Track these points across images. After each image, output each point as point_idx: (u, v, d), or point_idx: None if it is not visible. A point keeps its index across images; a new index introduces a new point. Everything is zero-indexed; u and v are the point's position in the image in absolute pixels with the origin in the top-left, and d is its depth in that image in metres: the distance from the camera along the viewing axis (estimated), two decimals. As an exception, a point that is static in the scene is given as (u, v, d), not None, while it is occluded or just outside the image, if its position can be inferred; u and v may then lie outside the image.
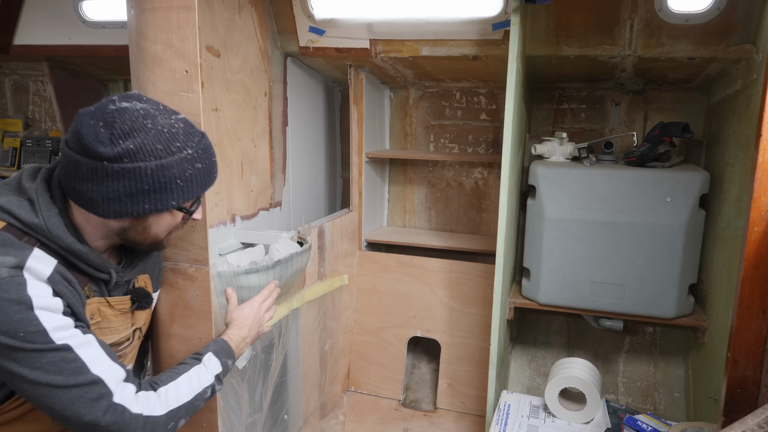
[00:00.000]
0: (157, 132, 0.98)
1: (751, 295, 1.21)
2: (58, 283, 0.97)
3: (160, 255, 1.33)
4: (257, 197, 2.10)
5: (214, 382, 1.16)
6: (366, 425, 2.24)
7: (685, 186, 1.83)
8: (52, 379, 0.93)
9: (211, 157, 1.09)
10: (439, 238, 2.58)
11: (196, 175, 1.03)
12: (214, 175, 1.10)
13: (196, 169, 1.03)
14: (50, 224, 0.98)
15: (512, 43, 1.71)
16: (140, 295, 1.19)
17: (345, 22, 2.12)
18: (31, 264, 0.93)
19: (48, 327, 0.93)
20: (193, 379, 1.12)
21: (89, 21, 2.34)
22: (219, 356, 1.20)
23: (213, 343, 1.23)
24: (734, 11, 1.71)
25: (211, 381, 1.15)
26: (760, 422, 0.95)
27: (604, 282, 1.94)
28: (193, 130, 1.05)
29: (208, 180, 1.08)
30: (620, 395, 2.30)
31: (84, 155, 0.95)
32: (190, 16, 1.21)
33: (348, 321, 2.47)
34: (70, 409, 0.95)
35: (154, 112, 1.00)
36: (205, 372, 1.16)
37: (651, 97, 2.31)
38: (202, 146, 1.05)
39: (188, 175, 1.02)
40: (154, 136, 0.97)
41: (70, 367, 0.94)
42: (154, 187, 0.98)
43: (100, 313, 1.11)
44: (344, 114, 2.78)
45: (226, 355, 1.22)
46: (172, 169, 0.99)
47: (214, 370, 1.17)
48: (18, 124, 3.06)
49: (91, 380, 0.96)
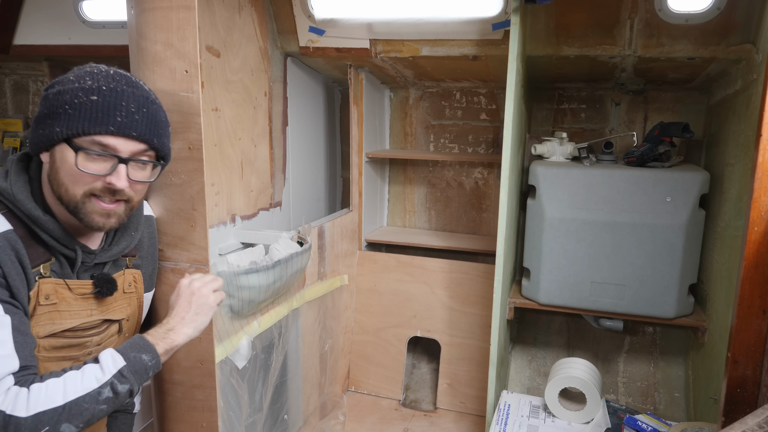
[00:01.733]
0: (85, 71, 1.02)
1: (751, 295, 1.21)
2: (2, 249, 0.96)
3: (155, 252, 1.31)
4: (257, 197, 2.10)
5: (111, 379, 1.00)
6: (366, 425, 2.24)
7: (685, 186, 1.83)
8: None
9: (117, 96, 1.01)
10: (439, 238, 2.58)
11: (86, 105, 0.98)
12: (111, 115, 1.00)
13: (90, 101, 0.99)
14: (15, 189, 1.01)
15: (512, 43, 1.71)
16: (103, 281, 1.12)
17: (345, 22, 2.12)
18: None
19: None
20: (79, 378, 0.98)
21: (89, 21, 2.34)
22: (124, 352, 1.05)
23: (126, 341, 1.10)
24: (734, 11, 1.71)
25: (105, 379, 1.00)
26: (760, 422, 0.95)
27: (604, 282, 1.94)
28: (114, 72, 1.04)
29: (100, 117, 0.99)
30: (620, 395, 2.30)
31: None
32: (190, 16, 1.21)
33: (348, 321, 2.47)
34: None
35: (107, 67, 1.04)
36: (99, 370, 1.00)
37: (651, 97, 2.31)
38: (111, 85, 1.01)
39: (77, 102, 0.98)
40: (78, 71, 1.02)
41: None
42: (49, 113, 1.00)
43: (58, 295, 1.07)
44: (344, 114, 2.78)
45: (137, 349, 1.06)
46: (65, 95, 1.00)
47: (112, 367, 1.02)
48: (18, 124, 3.06)
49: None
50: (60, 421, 0.93)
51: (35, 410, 0.92)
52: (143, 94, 1.05)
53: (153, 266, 1.30)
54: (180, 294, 1.16)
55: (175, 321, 1.13)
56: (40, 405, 0.92)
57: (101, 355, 1.02)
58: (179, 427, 1.43)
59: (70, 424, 0.94)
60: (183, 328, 1.12)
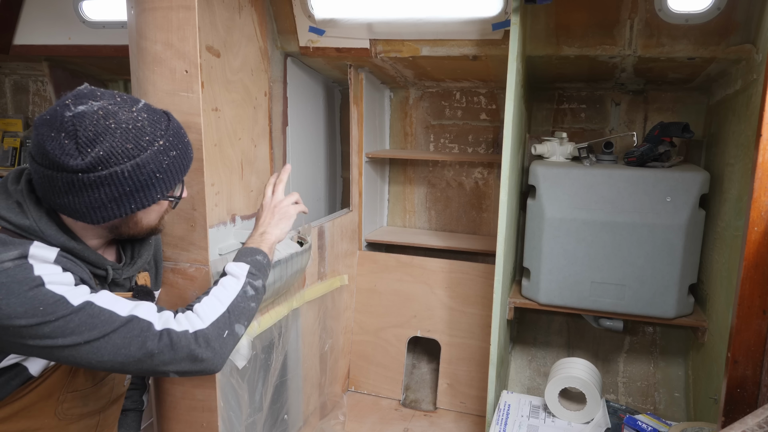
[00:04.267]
0: (122, 131, 0.95)
1: (751, 295, 1.21)
2: (66, 263, 0.97)
3: (160, 255, 1.32)
4: (257, 197, 2.10)
5: (247, 280, 1.16)
6: (366, 425, 2.24)
7: (685, 186, 1.83)
8: (88, 335, 0.93)
9: (183, 139, 1.06)
10: (439, 238, 2.58)
11: (173, 164, 1.02)
12: (190, 156, 1.08)
13: (172, 158, 1.01)
14: (41, 225, 0.98)
15: (512, 43, 1.71)
16: (142, 293, 1.18)
17: (345, 22, 2.12)
18: (34, 252, 0.93)
19: (65, 294, 0.93)
20: (223, 288, 1.13)
21: (89, 21, 2.34)
22: (240, 258, 1.20)
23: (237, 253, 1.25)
24: (734, 11, 1.71)
25: (243, 280, 1.16)
26: (760, 422, 0.95)
27: (604, 282, 1.94)
28: (158, 117, 1.02)
29: (185, 163, 1.06)
30: (620, 395, 2.30)
31: (55, 170, 0.93)
32: (190, 16, 1.21)
33: (348, 321, 2.47)
34: (119, 353, 0.96)
35: (113, 109, 0.96)
36: (232, 277, 1.16)
37: (651, 97, 2.31)
38: (172, 132, 1.02)
39: (166, 166, 1.00)
40: (121, 135, 0.94)
41: (101, 320, 0.95)
42: (135, 186, 0.97)
43: None
44: (344, 114, 2.78)
45: (248, 254, 1.22)
46: (149, 165, 0.97)
47: (241, 271, 1.17)
48: (18, 124, 3.06)
49: (126, 321, 0.97)
50: (233, 322, 1.09)
51: (210, 320, 1.05)
52: (176, 120, 1.09)
53: (158, 267, 1.32)
54: (264, 207, 1.34)
55: (264, 226, 1.30)
56: (211, 315, 1.06)
57: (227, 267, 1.18)
58: (179, 427, 1.43)
59: (240, 324, 1.10)
60: (272, 229, 1.30)
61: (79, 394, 1.11)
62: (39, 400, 1.05)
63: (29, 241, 0.95)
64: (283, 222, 1.32)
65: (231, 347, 1.08)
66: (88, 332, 0.93)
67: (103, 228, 1.05)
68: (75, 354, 0.94)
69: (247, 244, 1.26)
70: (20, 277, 0.90)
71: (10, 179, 1.03)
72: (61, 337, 0.92)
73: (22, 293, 0.89)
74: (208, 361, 1.03)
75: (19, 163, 2.99)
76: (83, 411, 1.13)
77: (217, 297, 1.10)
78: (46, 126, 0.94)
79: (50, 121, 0.94)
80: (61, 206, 0.97)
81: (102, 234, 1.07)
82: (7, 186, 1.01)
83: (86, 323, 0.94)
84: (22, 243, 0.94)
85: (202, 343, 1.02)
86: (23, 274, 0.91)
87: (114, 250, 1.16)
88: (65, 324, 0.92)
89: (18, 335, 0.91)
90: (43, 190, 0.97)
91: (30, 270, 0.92)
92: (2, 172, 2.93)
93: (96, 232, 1.06)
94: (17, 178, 1.03)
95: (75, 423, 1.13)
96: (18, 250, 0.92)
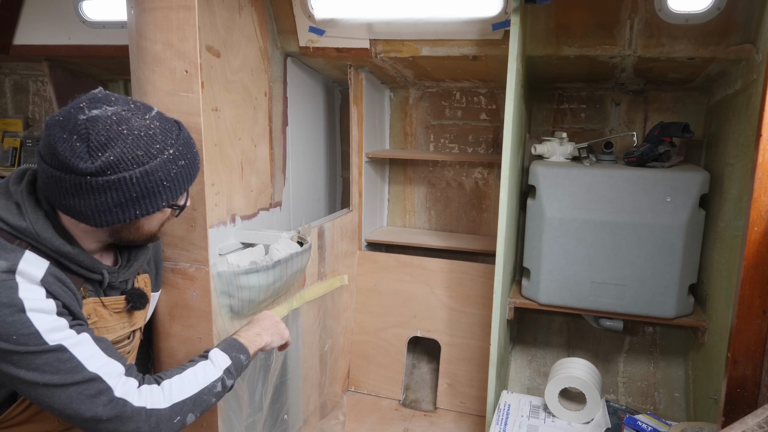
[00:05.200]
0: (134, 137, 0.95)
1: (751, 295, 1.21)
2: (52, 285, 0.97)
3: (160, 255, 1.33)
4: (257, 197, 2.10)
5: (222, 375, 1.14)
6: (366, 425, 2.24)
7: (685, 186, 1.83)
8: (48, 379, 0.93)
9: (192, 149, 1.07)
10: (439, 238, 2.58)
11: (181, 173, 1.03)
12: (197, 166, 1.09)
13: (180, 167, 1.02)
14: (38, 227, 0.98)
15: (512, 43, 1.71)
16: (135, 296, 1.18)
17: (345, 22, 2.12)
18: (22, 267, 0.93)
19: (41, 329, 0.93)
20: (198, 373, 1.11)
21: (89, 21, 2.34)
22: (227, 351, 1.18)
23: (222, 342, 1.23)
24: (734, 11, 1.71)
25: (218, 375, 1.13)
26: (760, 422, 0.95)
27: (604, 282, 1.94)
28: (169, 126, 1.03)
29: (193, 173, 1.07)
30: (620, 395, 2.30)
31: (64, 171, 0.94)
32: (190, 16, 1.21)
33: (348, 321, 2.47)
34: (69, 407, 0.95)
35: (126, 115, 0.97)
36: (212, 366, 1.14)
37: (651, 97, 2.31)
38: (182, 142, 1.03)
39: (173, 174, 1.01)
40: (132, 142, 0.95)
41: (66, 367, 0.94)
42: (142, 193, 0.98)
43: (96, 313, 1.11)
44: (344, 114, 2.78)
45: (236, 350, 1.20)
46: (157, 172, 0.98)
47: (222, 364, 1.15)
48: (18, 124, 3.06)
49: (89, 377, 0.96)
50: (188, 411, 1.07)
51: (171, 402, 1.05)
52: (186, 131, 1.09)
53: (158, 268, 1.32)
54: (265, 317, 1.34)
55: (261, 328, 1.30)
56: (175, 397, 1.05)
57: (212, 353, 1.16)
58: (179, 427, 1.43)
59: (193, 414, 1.09)
60: (266, 336, 1.29)
61: None
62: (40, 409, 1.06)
63: (21, 250, 0.95)
64: (277, 336, 1.33)
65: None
66: (50, 375, 0.93)
67: (104, 232, 1.05)
68: (30, 390, 0.94)
69: (240, 337, 1.25)
70: (3, 298, 0.91)
71: (12, 180, 1.03)
72: (24, 369, 0.92)
73: (1, 316, 0.90)
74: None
75: (19, 163, 2.99)
76: None
77: (189, 380, 1.09)
78: (59, 127, 0.94)
79: (63, 123, 0.94)
80: (66, 207, 0.98)
81: (102, 238, 1.07)
82: (9, 186, 1.02)
83: (51, 365, 0.93)
84: (14, 251, 0.94)
85: (152, 424, 1.01)
86: (7, 295, 0.91)
87: (112, 253, 1.17)
88: (32, 359, 0.92)
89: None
90: (50, 191, 0.98)
91: (14, 290, 0.92)
92: (2, 172, 2.93)
93: (96, 236, 1.06)
94: (19, 179, 1.03)
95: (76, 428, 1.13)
96: (7, 263, 0.93)
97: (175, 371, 1.10)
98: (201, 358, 1.16)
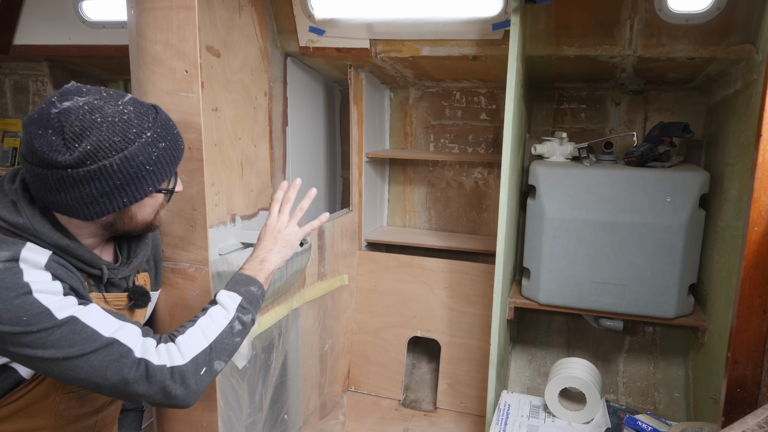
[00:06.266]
0: (109, 124, 0.95)
1: (751, 295, 1.21)
2: (57, 269, 0.97)
3: (159, 254, 1.32)
4: (257, 197, 2.10)
5: (236, 314, 1.11)
6: (366, 425, 2.24)
7: (685, 186, 1.83)
8: (67, 352, 0.93)
9: (172, 130, 1.05)
10: (439, 238, 2.58)
11: (163, 155, 1.01)
12: (181, 147, 1.07)
13: (161, 149, 1.01)
14: (35, 223, 0.98)
15: (512, 43, 1.71)
16: (138, 294, 1.18)
17: (345, 22, 2.12)
18: (25, 255, 0.94)
19: (51, 306, 0.93)
20: (210, 320, 1.09)
21: (89, 21, 2.34)
22: (234, 289, 1.15)
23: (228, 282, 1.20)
24: (734, 11, 1.71)
25: (232, 315, 1.11)
26: (760, 422, 0.95)
27: (604, 282, 1.94)
28: (145, 110, 1.02)
29: (176, 155, 1.05)
30: (620, 395, 2.30)
31: (45, 167, 0.93)
32: (190, 16, 1.21)
33: (348, 321, 2.47)
34: (96, 374, 0.95)
35: (99, 103, 0.96)
36: (222, 309, 1.11)
37: (651, 97, 2.31)
38: (160, 124, 1.02)
39: (155, 157, 1.00)
40: (108, 129, 0.94)
41: (81, 337, 0.94)
42: (125, 180, 0.97)
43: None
44: (344, 114, 2.78)
45: (244, 284, 1.17)
46: (137, 157, 0.97)
47: (233, 303, 1.13)
48: (18, 124, 3.06)
49: (106, 343, 0.96)
50: (212, 359, 1.05)
51: (190, 356, 1.02)
52: (164, 113, 1.08)
53: (158, 267, 1.32)
54: (267, 228, 1.28)
55: (264, 253, 1.25)
56: (191, 351, 1.03)
57: (218, 296, 1.13)
58: (179, 427, 1.43)
59: (220, 360, 1.06)
60: (272, 257, 1.25)
61: (75, 395, 1.11)
62: (35, 401, 1.06)
63: (22, 242, 0.95)
64: (285, 249, 1.28)
65: (207, 384, 1.05)
66: (68, 348, 0.93)
67: (98, 225, 1.05)
68: (53, 367, 0.94)
69: (244, 270, 1.21)
70: (8, 283, 0.90)
71: (7, 179, 1.03)
72: (41, 348, 0.92)
73: (8, 300, 0.90)
74: (180, 398, 1.00)
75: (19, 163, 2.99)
76: (80, 411, 1.14)
77: (201, 329, 1.07)
78: (34, 124, 0.94)
79: (37, 120, 0.94)
80: (54, 204, 0.97)
81: (97, 232, 1.07)
82: (3, 185, 1.02)
83: (67, 338, 0.93)
84: (15, 243, 0.95)
85: (177, 380, 1.00)
86: (12, 280, 0.91)
87: (111, 250, 1.16)
88: (46, 336, 0.92)
89: (0, 340, 0.92)
90: (36, 189, 0.98)
91: (19, 275, 0.92)
92: (2, 171, 2.93)
93: (91, 230, 1.05)
94: (13, 178, 1.03)
95: (72, 423, 1.13)
96: (10, 252, 0.93)
97: (188, 324, 1.08)
98: (210, 305, 1.13)
